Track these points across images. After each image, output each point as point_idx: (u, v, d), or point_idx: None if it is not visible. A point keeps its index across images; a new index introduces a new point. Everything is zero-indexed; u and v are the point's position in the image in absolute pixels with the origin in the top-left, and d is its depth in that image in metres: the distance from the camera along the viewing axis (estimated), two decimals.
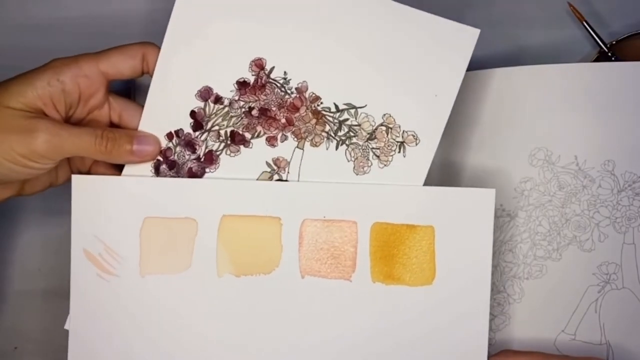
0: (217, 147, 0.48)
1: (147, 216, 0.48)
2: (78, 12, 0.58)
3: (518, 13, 0.60)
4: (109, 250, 0.48)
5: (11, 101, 0.43)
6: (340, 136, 0.48)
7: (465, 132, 0.55)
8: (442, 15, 0.56)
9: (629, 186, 0.50)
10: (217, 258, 0.48)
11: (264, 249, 0.48)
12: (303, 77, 0.47)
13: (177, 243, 0.48)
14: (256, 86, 0.47)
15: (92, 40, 0.50)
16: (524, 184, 0.52)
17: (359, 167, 0.48)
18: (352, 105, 0.47)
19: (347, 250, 0.48)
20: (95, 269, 0.48)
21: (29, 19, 0.58)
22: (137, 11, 0.58)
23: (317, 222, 0.48)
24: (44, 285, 0.58)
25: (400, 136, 0.47)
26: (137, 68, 0.47)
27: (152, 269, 0.48)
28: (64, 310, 0.56)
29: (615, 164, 0.50)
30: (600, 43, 0.57)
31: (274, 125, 0.47)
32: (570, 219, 0.51)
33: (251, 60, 0.47)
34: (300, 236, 0.48)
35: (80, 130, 0.44)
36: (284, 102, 0.47)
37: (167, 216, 0.48)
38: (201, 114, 0.47)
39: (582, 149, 0.51)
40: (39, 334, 0.57)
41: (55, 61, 0.45)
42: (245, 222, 0.48)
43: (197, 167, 0.48)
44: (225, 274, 0.48)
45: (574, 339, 0.50)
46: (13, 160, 0.42)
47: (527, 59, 0.59)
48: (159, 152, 0.48)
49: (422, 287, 0.48)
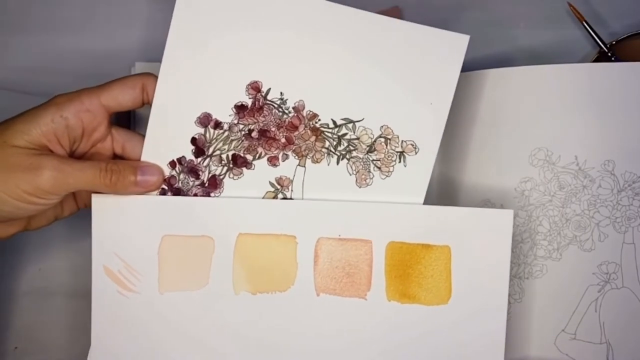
0: (220, 172, 0.48)
1: (165, 234, 0.49)
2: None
3: (518, 13, 0.59)
4: (128, 267, 0.49)
5: (16, 139, 0.43)
6: (341, 151, 0.48)
7: (465, 133, 0.55)
8: (442, 14, 0.56)
9: (629, 186, 0.50)
10: (234, 275, 0.49)
11: (279, 267, 0.49)
12: (299, 96, 0.47)
13: (194, 261, 0.49)
14: (254, 109, 0.47)
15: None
16: (525, 184, 0.52)
17: (361, 179, 0.48)
18: (350, 120, 0.48)
19: (362, 268, 0.49)
20: (115, 286, 0.49)
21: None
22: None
23: (332, 240, 0.49)
24: (44, 285, 0.58)
25: (400, 146, 0.48)
26: (137, 99, 0.47)
27: (170, 286, 0.49)
28: (64, 310, 0.57)
29: (615, 164, 0.50)
30: (600, 43, 0.56)
31: (275, 145, 0.48)
32: (571, 218, 0.51)
33: (247, 84, 0.47)
34: (316, 254, 0.49)
35: (84, 165, 0.45)
36: (283, 122, 0.48)
37: (185, 234, 0.49)
38: (202, 140, 0.48)
39: (583, 149, 0.50)
40: (39, 334, 0.57)
41: (57, 97, 0.46)
42: (261, 240, 0.49)
43: (201, 192, 0.49)
44: (241, 291, 0.49)
45: (574, 339, 0.51)
46: (19, 198, 0.43)
47: (526, 59, 0.59)
48: (163, 181, 0.48)
49: (437, 307, 0.49)
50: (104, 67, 0.58)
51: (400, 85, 0.47)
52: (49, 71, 0.58)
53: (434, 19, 0.59)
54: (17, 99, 0.58)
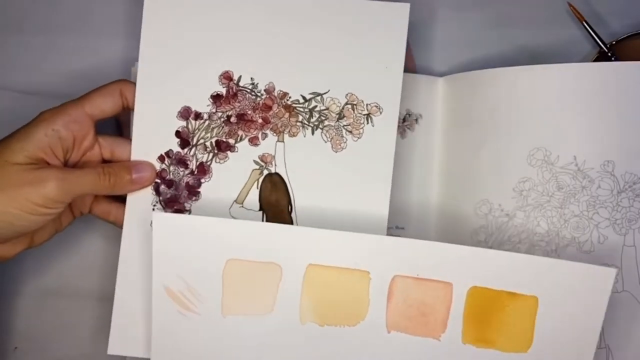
0: (206, 158, 0.51)
1: (230, 258, 0.48)
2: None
3: (518, 13, 0.59)
4: (190, 289, 0.48)
5: (16, 157, 0.46)
6: (313, 122, 0.52)
7: (464, 132, 0.55)
8: (442, 14, 0.57)
9: (629, 187, 0.49)
10: (301, 305, 0.48)
11: (350, 302, 0.48)
12: (268, 79, 0.51)
13: (260, 286, 0.48)
14: (229, 96, 0.51)
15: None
16: (523, 184, 0.52)
17: (336, 145, 0.52)
18: (317, 93, 0.51)
19: (439, 309, 0.48)
20: (176, 306, 0.48)
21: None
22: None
23: (408, 279, 0.48)
24: (44, 285, 0.58)
25: (365, 109, 0.52)
26: (117, 105, 0.50)
27: (234, 310, 0.49)
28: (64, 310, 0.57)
29: (615, 164, 0.49)
30: (600, 43, 0.56)
31: (253, 126, 0.51)
32: (569, 219, 0.50)
33: (220, 74, 0.51)
34: (390, 291, 0.48)
35: (83, 171, 0.48)
36: (257, 104, 0.51)
37: (250, 259, 0.48)
38: (185, 132, 0.51)
39: (581, 149, 0.50)
40: (39, 334, 0.57)
41: (44, 113, 0.48)
42: (332, 273, 0.48)
43: (192, 180, 0.51)
44: (308, 322, 0.48)
45: None
46: (32, 211, 0.45)
47: (527, 59, 0.58)
48: (156, 175, 0.51)
49: (515, 354, 0.47)
50: (104, 67, 0.59)
51: (357, 55, 0.51)
52: (49, 71, 0.59)
53: (433, 18, 0.59)
54: (17, 99, 0.58)
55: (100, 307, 0.58)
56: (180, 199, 0.51)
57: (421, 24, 0.59)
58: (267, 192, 0.52)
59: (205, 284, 0.48)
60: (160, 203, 0.51)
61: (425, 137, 0.57)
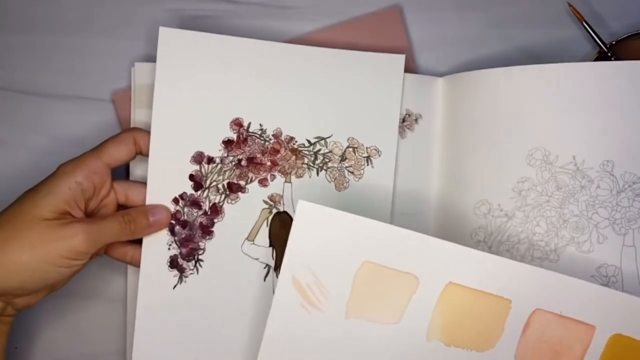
0: (219, 200, 0.54)
1: (366, 260, 0.47)
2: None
3: (518, 13, 0.59)
4: (318, 283, 0.48)
5: (43, 212, 0.47)
6: (318, 164, 0.55)
7: (464, 132, 0.55)
8: (442, 14, 0.57)
9: (629, 187, 0.49)
10: (431, 321, 0.47)
11: (483, 327, 0.47)
12: (276, 124, 0.55)
13: (391, 295, 0.47)
14: (239, 141, 0.54)
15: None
16: (522, 184, 0.51)
17: (339, 185, 0.55)
18: (321, 137, 0.55)
19: (575, 351, 0.46)
20: (300, 299, 0.48)
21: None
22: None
23: (550, 315, 0.46)
24: None
25: (365, 152, 0.56)
26: (132, 152, 0.52)
27: (358, 313, 0.48)
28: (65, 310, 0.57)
29: (615, 164, 0.49)
30: (600, 43, 0.56)
31: (262, 169, 0.54)
32: (569, 219, 0.50)
33: (231, 121, 0.54)
34: (527, 324, 0.47)
35: (107, 222, 0.49)
36: (266, 148, 0.55)
37: (388, 265, 0.47)
38: (199, 175, 0.54)
39: (581, 148, 0.50)
40: (39, 333, 0.57)
41: (64, 167, 0.49)
42: (472, 296, 0.47)
43: (206, 220, 0.54)
44: (434, 339, 0.47)
45: None
46: (61, 264, 0.47)
47: (526, 59, 0.58)
48: (171, 217, 0.53)
49: None
50: (104, 67, 0.59)
51: (356, 103, 0.55)
52: (49, 71, 0.59)
53: (433, 18, 0.59)
54: (17, 99, 0.58)
55: (101, 307, 0.58)
56: (195, 238, 0.53)
57: (421, 24, 0.59)
58: (277, 230, 0.54)
59: (335, 282, 0.47)
60: (176, 243, 0.53)
61: (425, 137, 0.57)
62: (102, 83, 0.59)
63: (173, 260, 0.53)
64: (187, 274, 0.53)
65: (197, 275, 0.53)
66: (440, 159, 0.56)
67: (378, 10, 0.59)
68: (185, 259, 0.53)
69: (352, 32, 0.59)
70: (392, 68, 0.55)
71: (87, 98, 0.58)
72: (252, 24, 0.59)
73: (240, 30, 0.59)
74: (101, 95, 0.59)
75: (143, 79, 0.56)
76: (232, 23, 0.59)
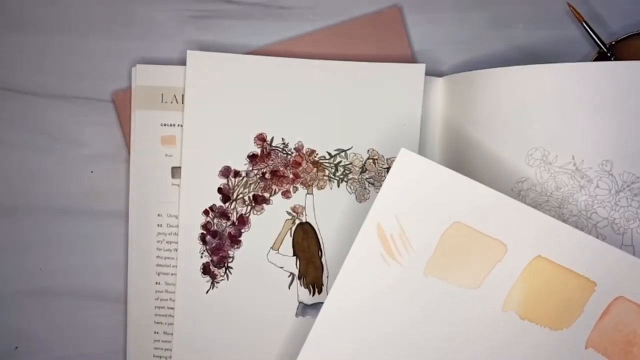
0: (245, 211, 0.57)
1: (457, 221, 0.47)
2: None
3: (518, 13, 0.59)
4: (403, 236, 0.47)
5: None
6: (339, 176, 0.57)
7: (462, 132, 0.55)
8: (442, 14, 0.58)
9: (628, 187, 0.49)
10: (511, 292, 0.46)
11: (562, 305, 0.46)
12: (298, 138, 0.57)
13: (476, 260, 0.46)
14: (263, 155, 0.57)
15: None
16: (521, 184, 0.51)
17: (360, 196, 0.57)
18: (342, 150, 0.57)
19: None
20: (382, 249, 0.47)
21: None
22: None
23: (631, 304, 0.46)
24: (45, 285, 0.58)
25: (386, 163, 0.57)
26: None
27: (438, 272, 0.47)
28: (64, 310, 0.57)
29: (613, 164, 0.49)
30: (600, 43, 0.56)
31: (285, 181, 0.57)
32: (568, 219, 0.50)
33: (254, 137, 0.57)
34: (607, 309, 0.46)
35: None
36: (288, 161, 0.57)
37: (478, 229, 0.46)
38: (226, 188, 0.57)
39: (580, 148, 0.50)
40: (39, 334, 0.57)
41: None
42: (558, 273, 0.46)
43: (234, 230, 0.57)
44: (510, 310, 0.46)
45: None
46: None
47: (526, 59, 0.58)
48: (201, 227, 0.57)
49: None
50: (104, 67, 0.59)
51: (377, 115, 0.56)
52: (49, 71, 0.59)
53: (433, 18, 0.59)
54: (17, 99, 0.58)
55: (101, 307, 0.58)
56: (224, 247, 0.57)
57: (421, 24, 0.59)
58: (300, 239, 0.57)
59: (421, 238, 0.46)
60: (207, 251, 0.57)
61: (425, 137, 0.57)
62: (102, 83, 0.59)
63: (205, 267, 0.57)
64: (219, 280, 0.57)
65: (227, 281, 0.56)
66: (439, 159, 0.56)
67: (378, 10, 0.59)
68: (216, 266, 0.57)
69: (352, 32, 0.59)
70: (412, 77, 0.56)
71: (87, 98, 0.58)
72: (252, 24, 0.59)
73: (240, 30, 0.59)
74: (101, 95, 0.59)
75: (143, 81, 0.57)
76: (232, 23, 0.59)
